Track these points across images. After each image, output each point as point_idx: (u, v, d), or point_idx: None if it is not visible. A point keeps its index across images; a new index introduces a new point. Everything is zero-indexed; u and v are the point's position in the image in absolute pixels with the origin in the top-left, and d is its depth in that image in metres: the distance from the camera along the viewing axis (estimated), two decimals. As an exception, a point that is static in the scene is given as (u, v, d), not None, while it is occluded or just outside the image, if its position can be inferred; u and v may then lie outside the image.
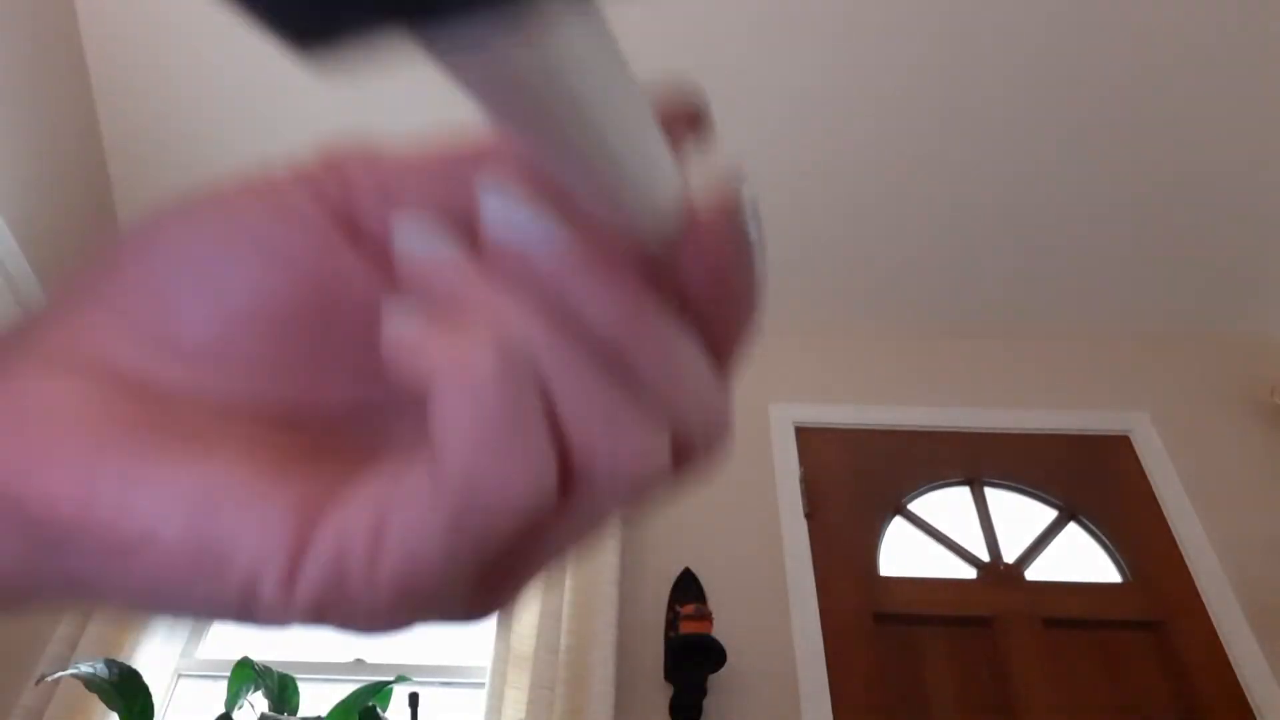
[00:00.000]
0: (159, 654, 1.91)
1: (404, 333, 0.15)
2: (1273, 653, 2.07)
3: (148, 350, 0.16)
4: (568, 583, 2.04)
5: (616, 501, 0.16)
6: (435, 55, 0.12)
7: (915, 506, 2.40)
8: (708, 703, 1.96)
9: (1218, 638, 2.11)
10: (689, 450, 0.17)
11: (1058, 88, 2.34)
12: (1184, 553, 2.26)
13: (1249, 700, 2.00)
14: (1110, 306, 2.74)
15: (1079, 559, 2.31)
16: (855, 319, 2.79)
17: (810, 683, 2.00)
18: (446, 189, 0.17)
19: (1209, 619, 2.14)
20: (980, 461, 2.47)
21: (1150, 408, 2.57)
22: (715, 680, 1.99)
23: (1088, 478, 2.44)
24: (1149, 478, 2.42)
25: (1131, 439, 2.51)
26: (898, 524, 2.36)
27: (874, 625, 2.13)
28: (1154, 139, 2.42)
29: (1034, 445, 2.51)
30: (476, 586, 0.16)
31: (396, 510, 0.14)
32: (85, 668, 1.53)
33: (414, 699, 1.82)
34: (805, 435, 2.50)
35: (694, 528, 2.28)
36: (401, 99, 2.47)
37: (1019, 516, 2.39)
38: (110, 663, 1.56)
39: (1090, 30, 2.25)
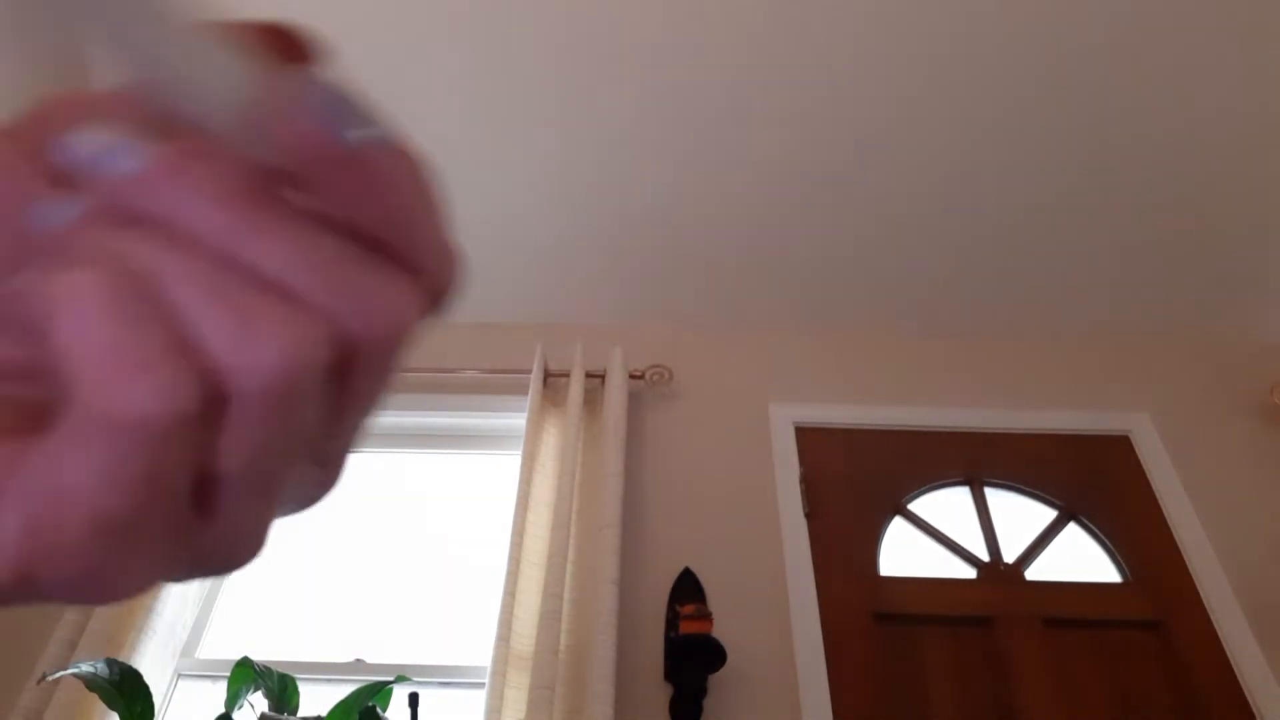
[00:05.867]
0: (159, 654, 1.91)
1: (23, 286, 0.15)
2: (1273, 653, 2.07)
3: None
4: (568, 582, 2.04)
5: (282, 398, 0.16)
6: None
7: (915, 506, 2.40)
8: (708, 703, 1.96)
9: (1218, 638, 2.11)
10: (351, 337, 0.17)
11: (1057, 89, 2.34)
12: (1184, 553, 2.26)
13: (1249, 700, 2.00)
14: (1110, 307, 2.74)
15: (1079, 559, 2.31)
16: (855, 319, 2.79)
17: (810, 683, 2.00)
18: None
19: (1209, 619, 2.14)
20: (980, 461, 2.47)
21: (1150, 408, 2.57)
22: (715, 680, 1.99)
23: (1088, 478, 2.44)
24: (1149, 478, 2.42)
25: (1131, 439, 2.51)
26: (898, 524, 2.36)
27: (874, 625, 2.13)
28: (1154, 140, 2.42)
29: (1034, 445, 2.51)
30: (196, 515, 0.16)
31: (60, 465, 0.14)
32: (85, 668, 1.53)
33: (414, 699, 1.82)
34: (805, 435, 2.50)
35: (694, 528, 2.28)
36: (399, 81, 2.47)
37: (1019, 516, 2.39)
38: (110, 663, 1.56)
39: (1090, 30, 2.25)
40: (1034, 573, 2.26)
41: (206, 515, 0.17)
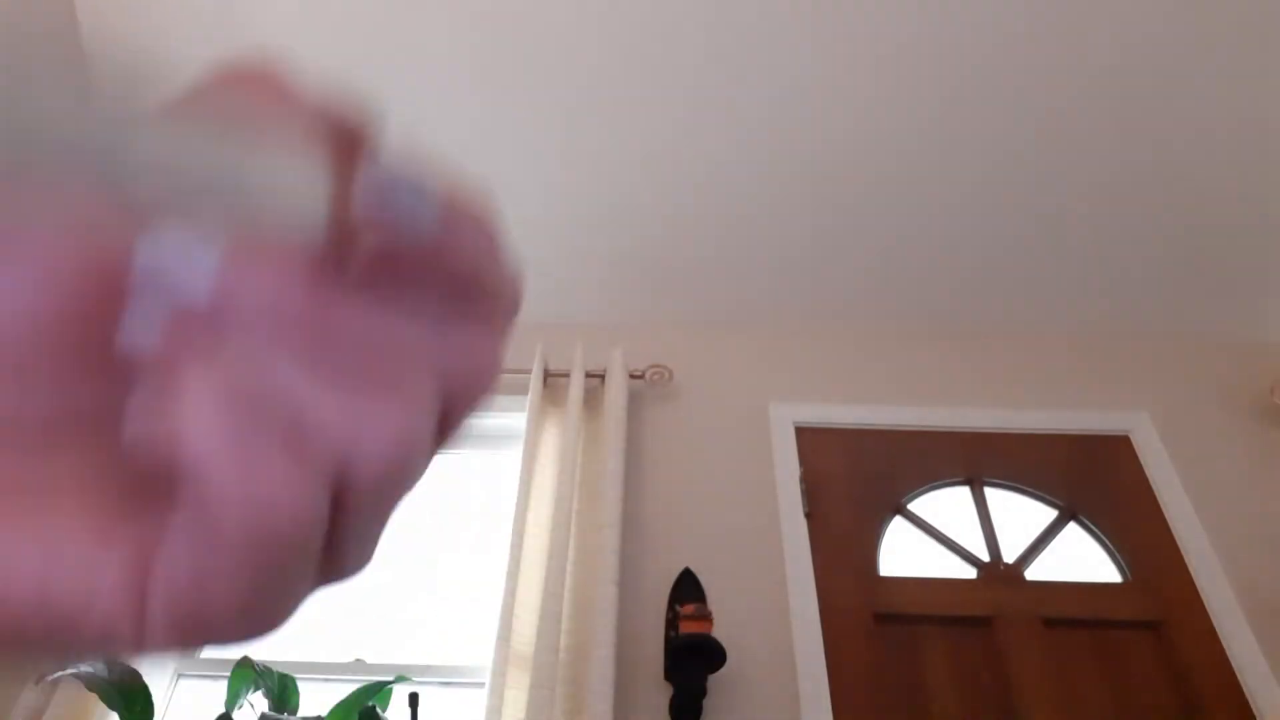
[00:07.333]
0: (159, 654, 1.91)
1: (136, 428, 0.15)
2: (1273, 653, 2.07)
3: None
4: (568, 583, 2.04)
5: (403, 467, 0.16)
6: None
7: (915, 506, 2.40)
8: (708, 703, 1.96)
9: (1218, 638, 2.11)
10: (452, 410, 0.17)
11: (1060, 91, 2.34)
12: (1184, 553, 2.26)
13: (1249, 700, 2.00)
14: (1110, 307, 2.74)
15: (1079, 559, 2.31)
16: (855, 319, 2.79)
17: (810, 683, 2.00)
18: None
19: (1209, 619, 2.14)
20: (980, 461, 2.47)
21: (1150, 408, 2.57)
22: (715, 680, 1.99)
23: (1088, 478, 2.44)
24: (1149, 478, 2.42)
25: (1131, 439, 2.51)
26: (898, 524, 2.36)
27: (874, 625, 2.13)
28: (1155, 141, 2.42)
29: (1034, 445, 2.51)
30: (320, 569, 0.17)
31: (199, 557, 0.15)
32: (85, 668, 1.53)
33: (414, 699, 1.82)
34: (805, 435, 2.50)
35: (694, 528, 2.28)
36: (387, 54, 2.47)
37: (1019, 516, 2.39)
38: (110, 663, 1.56)
39: (1094, 30, 2.25)
40: (1034, 573, 2.26)
41: (330, 564, 0.17)
